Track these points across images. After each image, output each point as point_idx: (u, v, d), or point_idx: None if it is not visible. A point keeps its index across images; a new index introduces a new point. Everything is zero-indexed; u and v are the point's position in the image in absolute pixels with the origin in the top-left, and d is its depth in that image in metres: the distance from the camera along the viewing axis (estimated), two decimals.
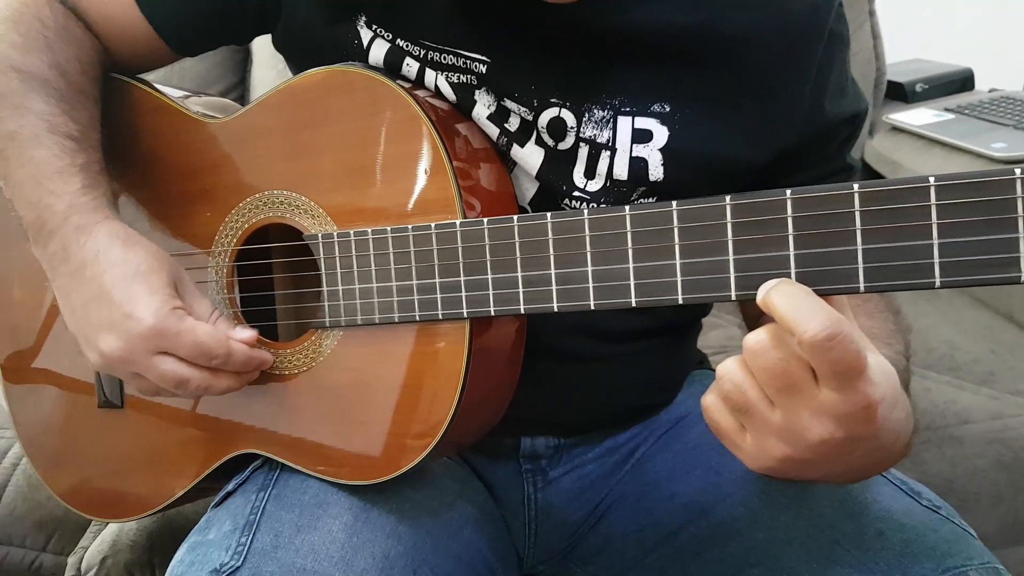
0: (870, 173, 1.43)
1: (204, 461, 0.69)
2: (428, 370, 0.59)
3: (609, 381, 0.72)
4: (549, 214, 0.51)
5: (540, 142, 0.63)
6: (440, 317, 0.57)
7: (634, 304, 0.49)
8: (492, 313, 0.55)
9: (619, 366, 0.71)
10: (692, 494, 0.69)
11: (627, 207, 0.49)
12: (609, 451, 0.75)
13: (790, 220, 0.44)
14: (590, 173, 0.63)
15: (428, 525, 0.64)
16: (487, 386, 0.62)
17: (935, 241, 0.41)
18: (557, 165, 0.63)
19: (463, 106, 0.63)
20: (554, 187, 0.63)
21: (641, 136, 0.62)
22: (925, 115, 1.40)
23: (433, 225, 0.56)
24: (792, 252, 0.45)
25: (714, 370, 0.85)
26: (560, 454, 0.74)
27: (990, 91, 1.47)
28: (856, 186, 0.42)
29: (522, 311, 0.53)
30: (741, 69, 0.62)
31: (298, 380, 0.64)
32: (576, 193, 0.63)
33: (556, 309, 0.52)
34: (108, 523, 0.87)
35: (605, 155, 0.62)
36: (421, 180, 0.58)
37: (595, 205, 0.63)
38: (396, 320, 0.58)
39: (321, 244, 0.61)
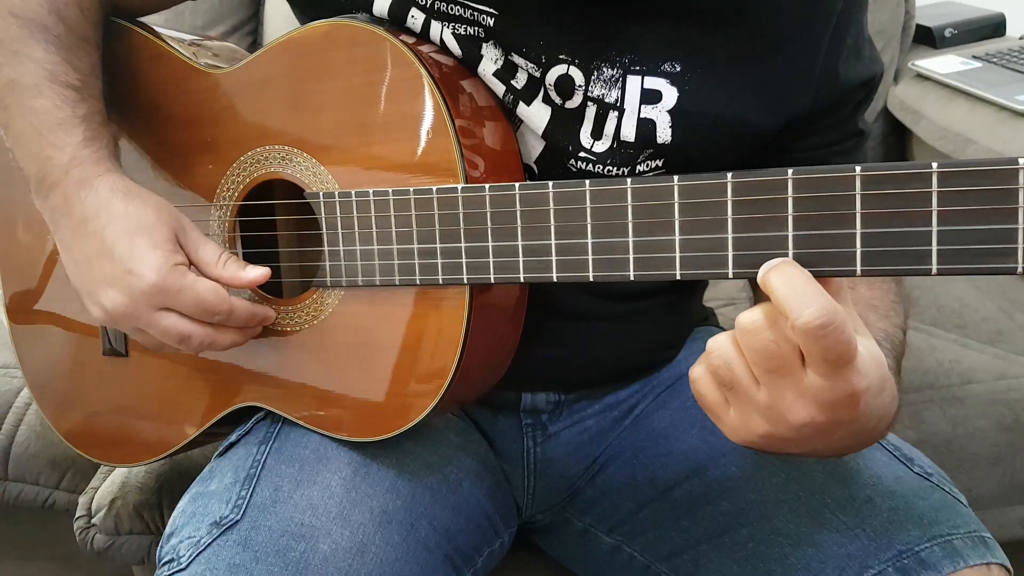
0: (892, 122, 1.40)
1: (207, 412, 0.70)
2: (429, 332, 0.59)
3: (612, 338, 0.72)
4: (551, 183, 0.51)
5: (547, 100, 0.61)
6: (440, 282, 0.57)
7: (632, 277, 0.49)
8: (492, 280, 0.55)
9: (623, 324, 0.71)
10: (688, 452, 0.70)
11: (628, 180, 0.48)
12: (609, 407, 0.76)
13: (791, 200, 0.44)
14: (597, 133, 0.62)
15: (428, 479, 0.65)
16: (488, 347, 0.62)
17: (934, 228, 0.41)
18: (564, 124, 0.62)
19: (469, 61, 0.61)
20: (560, 147, 0.62)
21: (650, 97, 0.60)
22: (952, 62, 1.36)
23: (435, 189, 0.55)
24: (791, 233, 0.44)
25: (719, 327, 0.86)
26: (560, 409, 0.75)
27: (1021, 38, 1.42)
28: (858, 168, 0.42)
29: (522, 280, 0.53)
30: (756, 29, 0.60)
31: (301, 336, 0.64)
32: (582, 154, 0.62)
33: (555, 279, 0.52)
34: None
35: (613, 115, 0.61)
36: (423, 141, 0.57)
37: (601, 166, 0.62)
38: (397, 283, 0.58)
39: (322, 203, 0.61)
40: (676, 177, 0.46)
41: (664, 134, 0.61)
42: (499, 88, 0.62)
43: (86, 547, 0.86)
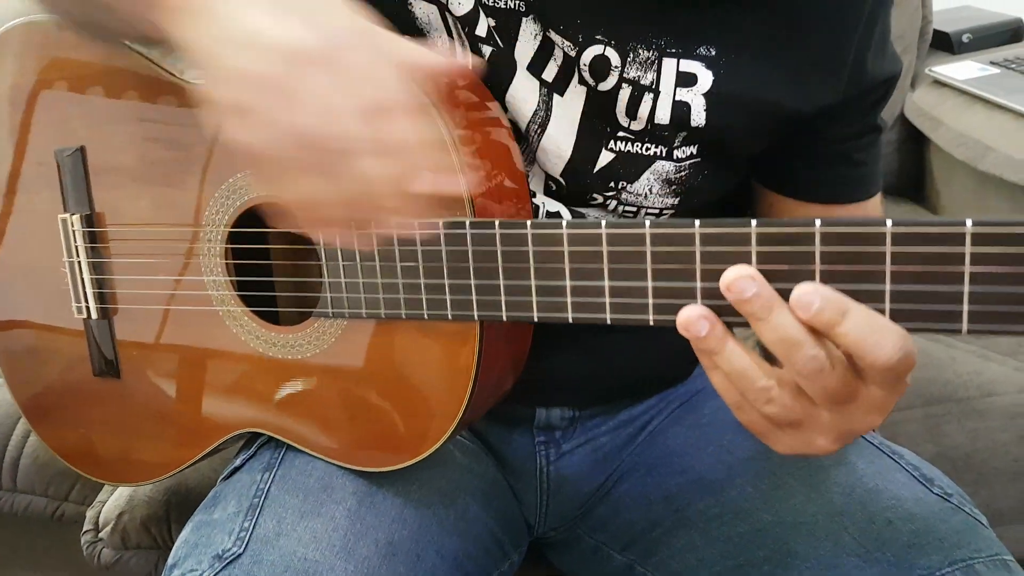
0: (910, 129, 1.39)
1: (208, 436, 0.68)
2: (438, 363, 0.57)
3: (628, 352, 0.71)
4: (564, 222, 0.49)
5: (582, 81, 0.61)
6: (450, 318, 0.55)
7: (652, 323, 0.48)
8: (504, 319, 0.53)
9: (639, 338, 0.69)
10: (703, 470, 0.69)
11: (647, 222, 0.46)
12: (623, 423, 0.75)
13: (817, 253, 0.43)
14: (632, 114, 0.61)
15: (435, 506, 0.64)
16: (500, 370, 0.61)
17: (966, 289, 0.40)
18: (599, 106, 0.61)
19: (507, 35, 0.60)
20: (596, 130, 0.61)
21: (685, 80, 0.60)
22: (970, 68, 1.34)
23: (440, 223, 0.53)
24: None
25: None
26: (574, 426, 0.74)
27: None
28: (889, 224, 0.41)
29: (536, 319, 0.52)
30: (791, 15, 0.60)
31: (303, 365, 0.62)
32: (621, 133, 0.62)
33: (571, 320, 0.51)
34: None
35: (648, 97, 0.60)
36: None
37: (640, 145, 0.62)
38: (404, 317, 0.56)
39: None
40: (697, 222, 0.45)
41: (698, 117, 0.60)
42: (532, 92, 0.60)
43: (94, 561, 0.86)
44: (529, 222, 0.50)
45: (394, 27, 0.56)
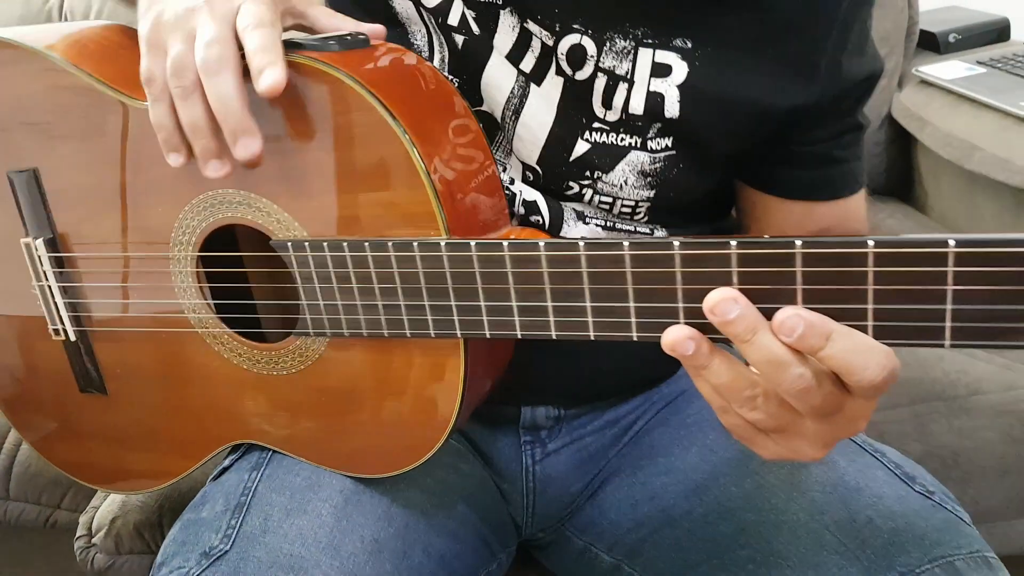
0: (897, 129, 1.39)
1: (201, 448, 0.68)
2: (424, 377, 0.57)
3: (615, 351, 0.70)
4: (542, 243, 0.49)
5: (559, 71, 0.62)
6: (433, 336, 0.54)
7: (636, 339, 0.48)
8: (488, 336, 0.52)
9: None
10: (687, 470, 0.70)
11: (626, 242, 0.46)
12: (609, 423, 0.76)
13: (799, 273, 0.42)
14: (607, 104, 0.62)
15: (422, 504, 0.65)
16: (485, 379, 0.61)
17: (948, 307, 0.40)
18: (576, 96, 0.62)
19: (485, 26, 0.60)
20: (572, 121, 0.62)
21: (660, 70, 0.60)
22: (956, 68, 1.35)
23: (415, 243, 0.51)
24: (800, 305, 0.43)
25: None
26: (560, 425, 0.74)
27: None
28: (871, 243, 0.41)
29: (519, 337, 0.51)
30: (767, 13, 0.60)
31: (290, 380, 0.62)
32: (596, 124, 0.62)
33: (555, 337, 0.50)
34: None
35: (622, 87, 0.61)
36: (395, 191, 0.53)
37: (615, 135, 0.62)
38: (386, 335, 0.56)
39: (293, 255, 0.55)
40: (676, 241, 0.45)
41: (672, 108, 0.61)
42: (509, 78, 0.61)
43: (87, 567, 0.86)
44: (506, 242, 0.49)
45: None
